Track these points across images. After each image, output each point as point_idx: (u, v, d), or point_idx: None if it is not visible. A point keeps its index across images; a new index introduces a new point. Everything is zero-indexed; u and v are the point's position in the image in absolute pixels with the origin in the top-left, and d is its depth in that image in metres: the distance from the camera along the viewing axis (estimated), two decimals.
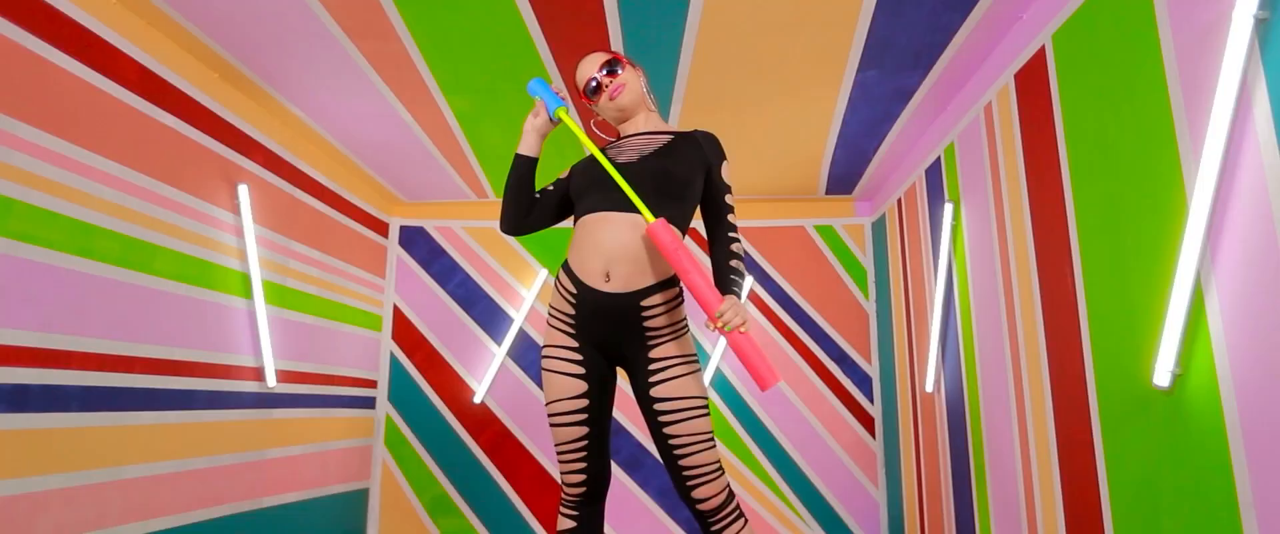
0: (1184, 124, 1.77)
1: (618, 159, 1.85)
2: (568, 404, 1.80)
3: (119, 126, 2.57)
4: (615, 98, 1.88)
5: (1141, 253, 1.92)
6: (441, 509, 4.48)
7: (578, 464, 1.82)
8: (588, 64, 1.92)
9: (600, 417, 1.83)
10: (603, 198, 1.79)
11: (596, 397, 1.82)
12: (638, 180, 1.77)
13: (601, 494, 1.85)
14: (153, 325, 2.71)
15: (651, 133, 1.92)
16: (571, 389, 1.81)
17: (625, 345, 1.80)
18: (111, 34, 2.55)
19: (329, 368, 4.02)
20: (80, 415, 2.40)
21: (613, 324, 1.77)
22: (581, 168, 1.91)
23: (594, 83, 1.90)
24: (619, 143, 1.92)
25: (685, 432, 1.74)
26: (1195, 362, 1.74)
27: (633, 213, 1.75)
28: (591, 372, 1.82)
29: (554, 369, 1.83)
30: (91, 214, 2.44)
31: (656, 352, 1.78)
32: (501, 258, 4.73)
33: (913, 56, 2.81)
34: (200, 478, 2.96)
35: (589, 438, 1.81)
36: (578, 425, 1.80)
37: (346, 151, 3.92)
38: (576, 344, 1.83)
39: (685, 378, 1.77)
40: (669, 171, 1.79)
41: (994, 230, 2.78)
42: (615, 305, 1.75)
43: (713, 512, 1.76)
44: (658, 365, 1.77)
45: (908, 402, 3.86)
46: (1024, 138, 2.55)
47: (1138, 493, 1.96)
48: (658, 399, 1.76)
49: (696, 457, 1.75)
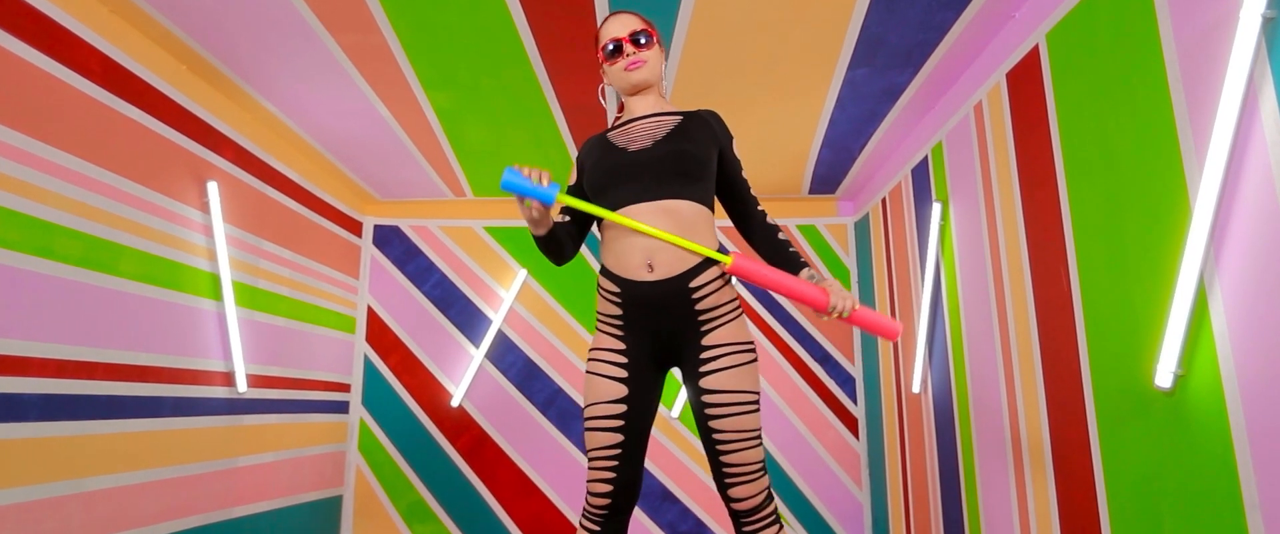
0: (1186, 124, 1.76)
1: (630, 146, 1.79)
2: (604, 408, 1.73)
3: (82, 120, 2.45)
4: (632, 71, 1.82)
5: (1141, 253, 1.92)
6: (418, 516, 4.37)
7: (606, 473, 1.72)
8: (617, 24, 1.84)
9: (637, 425, 1.75)
10: (626, 191, 1.73)
11: (636, 403, 1.74)
12: (659, 165, 1.73)
13: (627, 508, 1.76)
14: (117, 329, 2.60)
15: (660, 114, 1.85)
16: (609, 392, 1.74)
17: (678, 335, 1.74)
18: (73, 22, 2.42)
19: (301, 372, 3.89)
20: (39, 425, 2.29)
21: (663, 313, 1.72)
22: (592, 162, 1.83)
23: (614, 46, 1.82)
24: (626, 128, 1.85)
25: (731, 427, 1.69)
26: (1198, 362, 1.73)
27: (661, 199, 1.70)
28: (634, 375, 1.75)
29: (594, 371, 1.76)
30: (52, 212, 2.32)
31: (710, 338, 1.72)
32: (479, 258, 4.63)
33: (904, 55, 2.79)
34: (168, 489, 2.85)
35: (622, 446, 1.73)
36: (612, 431, 1.72)
37: (320, 148, 3.81)
38: (623, 347, 1.76)
39: (737, 369, 1.70)
40: (689, 153, 1.74)
41: (984, 230, 2.77)
42: (663, 293, 1.69)
43: (748, 512, 1.71)
44: (710, 354, 1.71)
45: (893, 403, 3.86)
46: (1016, 137, 2.54)
47: (1137, 496, 1.95)
48: (706, 390, 1.70)
49: (740, 454, 1.69)
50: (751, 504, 1.71)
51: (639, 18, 1.86)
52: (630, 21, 1.84)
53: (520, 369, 4.50)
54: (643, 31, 1.82)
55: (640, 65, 1.81)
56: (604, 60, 1.85)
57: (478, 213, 4.68)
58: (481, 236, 4.65)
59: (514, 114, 3.37)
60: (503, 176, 1.59)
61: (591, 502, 1.74)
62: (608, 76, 1.88)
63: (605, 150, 1.81)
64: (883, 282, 4.03)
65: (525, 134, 3.60)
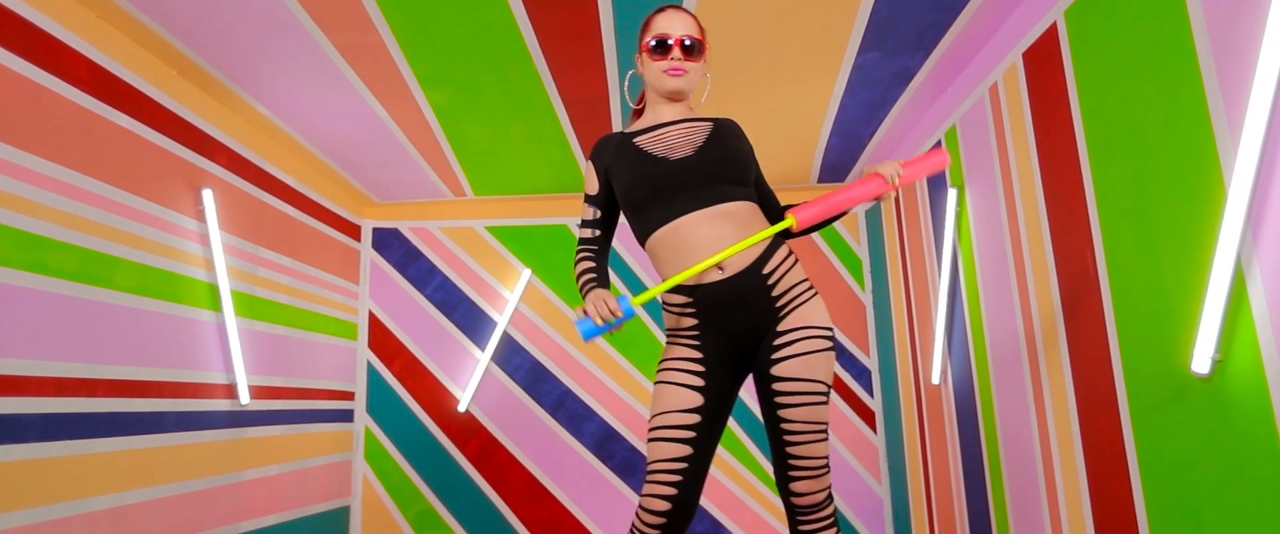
0: (1218, 98, 1.70)
1: (670, 154, 1.71)
2: (676, 416, 1.65)
3: (71, 130, 2.38)
4: (671, 77, 1.75)
5: (1173, 234, 1.86)
6: (428, 524, 4.30)
7: (666, 489, 1.62)
8: (673, 21, 1.76)
9: (707, 438, 1.67)
10: (678, 201, 1.67)
11: (709, 415, 1.67)
12: (709, 171, 1.68)
13: (681, 528, 1.66)
14: (115, 345, 2.53)
15: (690, 121, 1.79)
16: (684, 401, 1.66)
17: (756, 329, 1.68)
18: (59, 29, 2.35)
19: (304, 381, 3.83)
20: (39, 446, 2.23)
21: (741, 309, 1.66)
22: (627, 174, 1.73)
23: (662, 43, 1.74)
24: (657, 133, 1.77)
25: (802, 418, 1.62)
26: (1237, 346, 1.67)
27: (715, 204, 1.66)
28: (711, 385, 1.68)
29: (668, 379, 1.68)
30: (43, 226, 2.26)
31: (786, 322, 1.67)
32: (482, 259, 4.56)
33: (915, 37, 2.72)
34: (172, 505, 2.79)
35: (690, 460, 1.64)
36: (681, 442, 1.64)
37: (316, 151, 3.73)
38: (699, 355, 1.69)
39: (813, 356, 1.64)
40: (736, 157, 1.71)
41: (1003, 215, 2.70)
42: (738, 288, 1.65)
43: (808, 508, 1.65)
44: (784, 340, 1.65)
45: (911, 394, 3.79)
46: (1035, 119, 2.47)
47: (1175, 487, 1.89)
48: (777, 377, 1.63)
49: (808, 446, 1.62)
50: (814, 500, 1.65)
51: (695, 21, 1.78)
52: (686, 24, 1.76)
53: (527, 371, 4.43)
54: (696, 42, 1.75)
55: (681, 75, 1.75)
56: (646, 51, 1.77)
57: (478, 213, 4.60)
58: (483, 237, 4.58)
59: (514, 111, 3.30)
60: (579, 330, 1.59)
61: (644, 518, 1.63)
62: (644, 67, 1.81)
63: (639, 159, 1.73)
64: (897, 270, 3.96)
65: (527, 131, 3.52)
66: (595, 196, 1.81)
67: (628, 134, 1.81)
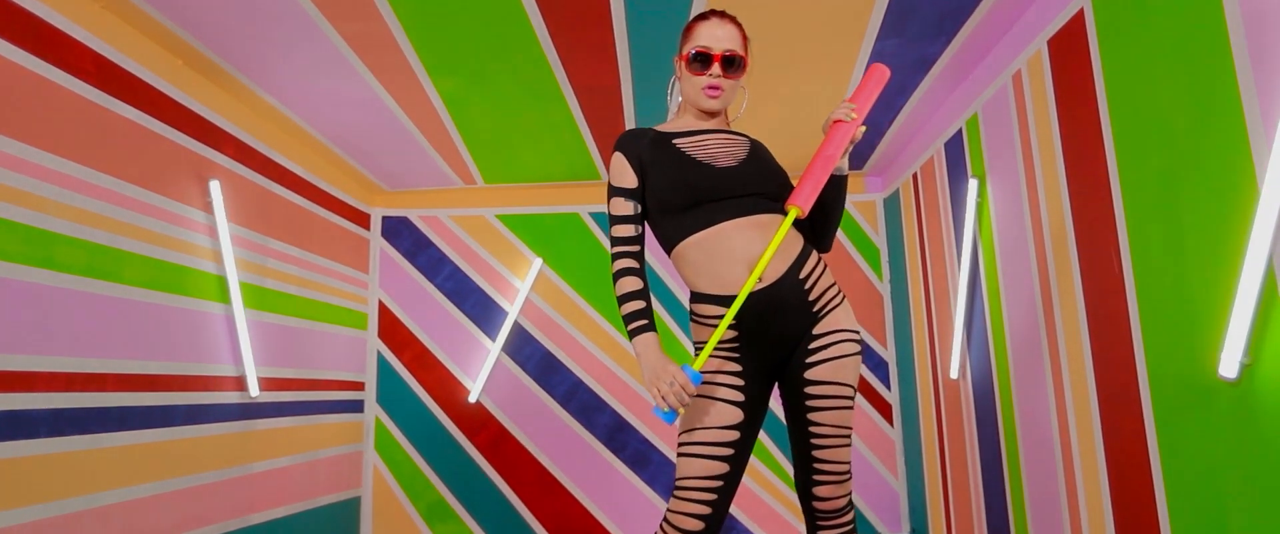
0: (1251, 91, 1.64)
1: (714, 162, 1.68)
2: (716, 434, 1.61)
3: (76, 123, 2.36)
4: (707, 96, 1.70)
5: (1202, 231, 1.80)
6: (439, 515, 4.31)
7: (700, 507, 1.59)
8: (717, 33, 1.69)
9: (744, 455, 1.65)
10: (722, 208, 1.63)
11: (747, 431, 1.65)
12: (755, 184, 1.66)
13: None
14: (124, 339, 2.52)
15: (728, 133, 1.77)
16: (725, 417, 1.63)
17: (795, 336, 1.67)
18: (64, 21, 2.32)
19: (314, 372, 3.82)
20: (49, 441, 2.23)
21: (781, 316, 1.64)
22: (668, 174, 1.67)
23: (701, 57, 1.68)
24: (697, 139, 1.73)
25: (830, 422, 1.62)
26: (1268, 349, 1.62)
27: (755, 215, 1.64)
28: (750, 401, 1.66)
29: (708, 394, 1.64)
30: (51, 221, 2.24)
31: (822, 324, 1.67)
32: (492, 247, 4.52)
33: (936, 23, 2.64)
34: (183, 498, 2.79)
35: (726, 477, 1.61)
36: (720, 461, 1.61)
37: (324, 140, 3.70)
38: (739, 368, 1.66)
39: (845, 360, 1.65)
40: (777, 175, 1.72)
41: (1025, 207, 2.63)
42: (778, 296, 1.63)
43: (830, 514, 1.65)
44: (820, 343, 1.65)
45: (929, 388, 3.74)
46: (1059, 108, 2.40)
47: (1200, 492, 1.84)
48: (811, 380, 1.63)
49: (834, 451, 1.63)
50: (836, 506, 1.65)
51: (741, 33, 1.73)
52: (730, 36, 1.70)
53: (539, 362, 4.40)
54: (737, 58, 1.69)
55: (718, 93, 1.70)
56: (686, 60, 1.72)
57: (489, 200, 4.56)
58: (494, 225, 4.54)
59: (524, 98, 3.25)
60: (660, 418, 1.65)
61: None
62: (681, 75, 1.76)
63: (682, 163, 1.67)
64: (915, 260, 3.89)
65: (536, 118, 3.48)
66: (634, 191, 1.69)
67: (664, 134, 1.75)
